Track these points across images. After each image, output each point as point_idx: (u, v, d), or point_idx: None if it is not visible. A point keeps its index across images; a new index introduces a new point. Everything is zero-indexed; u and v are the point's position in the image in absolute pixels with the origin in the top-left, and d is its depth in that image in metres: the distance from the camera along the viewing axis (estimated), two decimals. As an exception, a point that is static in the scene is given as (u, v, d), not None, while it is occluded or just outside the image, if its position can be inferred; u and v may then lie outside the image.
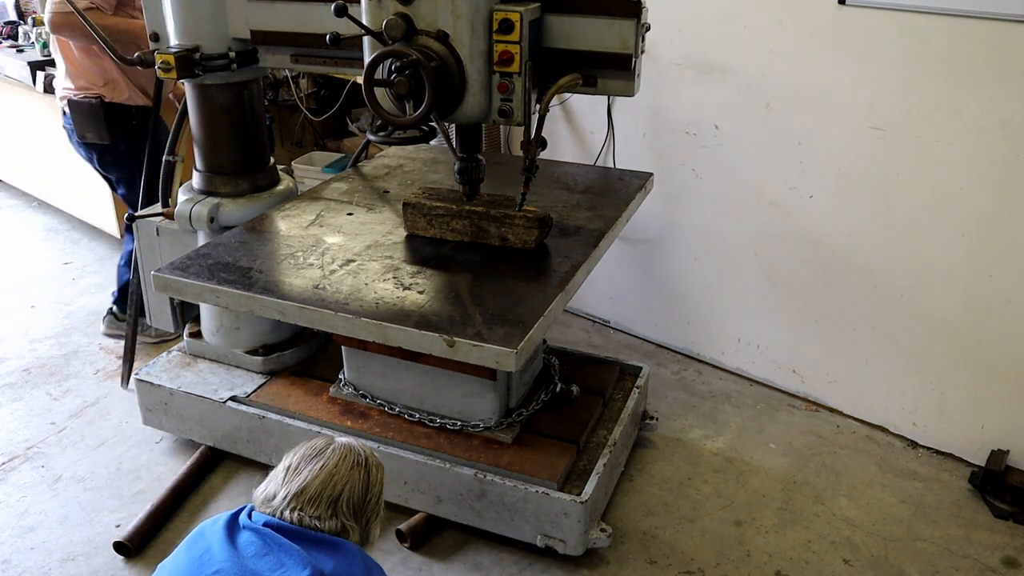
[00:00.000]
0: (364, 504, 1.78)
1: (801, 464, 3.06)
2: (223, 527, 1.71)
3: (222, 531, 1.70)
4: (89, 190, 4.65)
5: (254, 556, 1.64)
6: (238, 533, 1.69)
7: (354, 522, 1.76)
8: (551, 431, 2.66)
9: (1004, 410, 2.91)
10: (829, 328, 3.28)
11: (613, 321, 4.01)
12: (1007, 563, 2.62)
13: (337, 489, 1.74)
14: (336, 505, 1.74)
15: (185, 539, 1.77)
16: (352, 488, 1.76)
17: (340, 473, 1.76)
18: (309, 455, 1.79)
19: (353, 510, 1.76)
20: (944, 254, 2.89)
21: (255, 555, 1.64)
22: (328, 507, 1.73)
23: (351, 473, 1.78)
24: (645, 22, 2.17)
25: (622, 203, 2.76)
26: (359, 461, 1.81)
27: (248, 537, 1.67)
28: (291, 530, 1.68)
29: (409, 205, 2.52)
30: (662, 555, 2.63)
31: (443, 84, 2.06)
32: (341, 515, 1.74)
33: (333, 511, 1.73)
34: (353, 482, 1.77)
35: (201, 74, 2.68)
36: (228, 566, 1.62)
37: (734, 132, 3.28)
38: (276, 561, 1.62)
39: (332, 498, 1.73)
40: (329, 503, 1.73)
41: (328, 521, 1.72)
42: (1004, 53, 2.58)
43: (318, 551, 1.66)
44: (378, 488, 1.83)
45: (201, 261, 2.36)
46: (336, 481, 1.75)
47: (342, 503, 1.74)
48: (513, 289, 2.22)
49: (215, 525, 1.73)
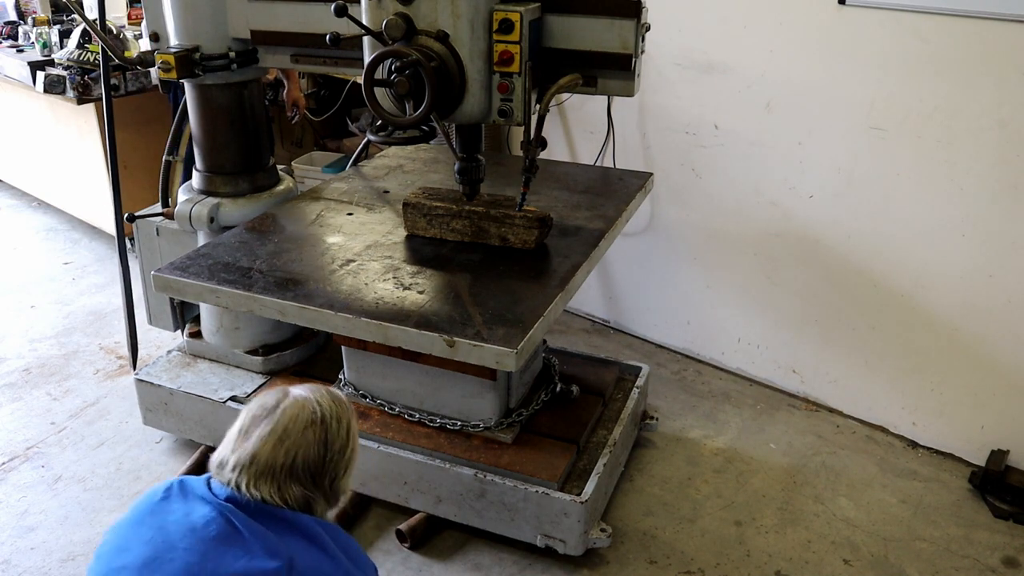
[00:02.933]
0: (324, 466, 1.62)
1: (801, 464, 3.06)
2: (179, 498, 1.59)
3: (180, 504, 1.57)
4: (89, 190, 4.66)
5: (216, 539, 1.51)
6: (196, 505, 1.56)
7: (314, 488, 1.61)
8: (551, 431, 2.66)
9: (1004, 410, 2.91)
10: (829, 328, 3.28)
11: (613, 321, 4.01)
12: (1007, 563, 2.62)
13: (290, 456, 1.58)
14: (292, 474, 1.58)
15: (135, 507, 1.62)
16: (307, 452, 1.60)
17: (292, 437, 1.59)
18: (259, 415, 1.63)
19: (311, 475, 1.61)
20: (944, 254, 2.89)
21: (217, 537, 1.51)
22: (285, 477, 1.58)
23: (304, 435, 1.60)
24: (645, 22, 2.17)
25: (622, 203, 2.76)
26: (312, 419, 1.62)
27: (208, 514, 1.54)
28: (254, 508, 1.56)
29: (409, 205, 2.52)
30: (662, 555, 2.63)
31: (443, 84, 2.06)
32: (300, 484, 1.59)
33: (291, 481, 1.58)
34: (307, 445, 1.60)
35: (201, 74, 2.68)
36: (188, 547, 1.49)
37: (734, 132, 3.28)
38: (242, 548, 1.49)
39: (286, 467, 1.58)
40: (285, 473, 1.58)
41: (289, 491, 1.58)
42: (1004, 53, 2.58)
43: (286, 532, 1.55)
44: (341, 441, 1.66)
45: (201, 261, 2.36)
46: (288, 447, 1.58)
47: (298, 470, 1.59)
48: (513, 289, 2.22)
49: (169, 496, 1.60)
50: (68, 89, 4.18)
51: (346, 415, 1.68)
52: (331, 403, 1.66)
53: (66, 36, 4.41)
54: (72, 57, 4.19)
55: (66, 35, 4.42)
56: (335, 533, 1.64)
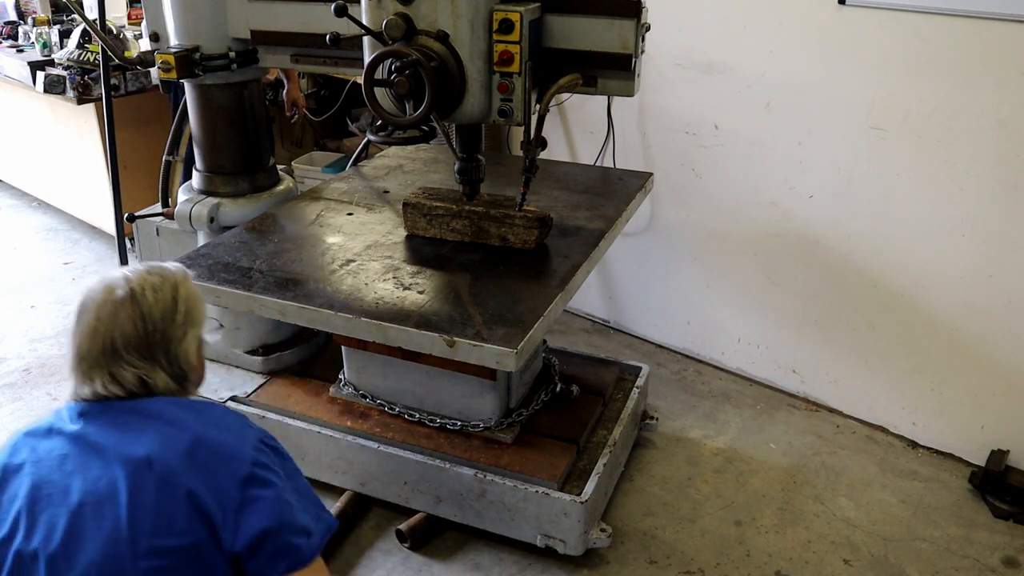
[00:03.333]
0: (148, 339, 1.52)
1: (801, 464, 3.06)
2: (44, 437, 1.53)
3: (45, 442, 1.52)
4: (89, 190, 4.66)
5: (71, 472, 1.46)
6: (54, 442, 1.51)
7: (147, 364, 1.53)
8: (551, 431, 2.66)
9: (1004, 410, 2.91)
10: (829, 328, 3.28)
11: (613, 321, 4.01)
12: (1007, 563, 2.62)
13: (107, 342, 1.50)
14: (116, 356, 1.51)
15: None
16: (123, 331, 1.51)
17: (103, 324, 1.51)
18: (77, 314, 1.56)
19: (138, 352, 1.52)
20: (944, 254, 2.89)
21: (73, 470, 1.46)
22: (110, 362, 1.51)
23: (115, 317, 1.51)
24: (645, 22, 2.17)
25: (622, 203, 2.76)
26: (121, 299, 1.52)
27: (57, 447, 1.49)
28: (101, 410, 1.51)
29: (409, 205, 2.52)
30: (662, 555, 2.63)
31: (443, 84, 2.06)
32: (128, 364, 1.51)
33: (118, 364, 1.51)
34: (120, 325, 1.51)
35: (201, 74, 2.68)
36: (58, 490, 1.45)
37: (734, 132, 3.28)
38: (85, 470, 1.45)
39: (107, 353, 1.50)
40: (108, 359, 1.51)
41: (121, 375, 1.51)
42: (1004, 53, 2.58)
43: (137, 426, 1.49)
44: (162, 308, 1.55)
45: (201, 261, 2.36)
46: (103, 334, 1.51)
47: (120, 352, 1.51)
48: (513, 289, 2.22)
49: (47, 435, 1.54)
50: (68, 89, 4.18)
51: (168, 282, 1.58)
52: (144, 276, 1.57)
53: (66, 36, 4.41)
54: (72, 57, 4.19)
55: (66, 35, 4.42)
56: (201, 407, 1.57)
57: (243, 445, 1.51)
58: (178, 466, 1.45)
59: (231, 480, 1.46)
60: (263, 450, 1.53)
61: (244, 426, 1.58)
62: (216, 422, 1.55)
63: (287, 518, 1.48)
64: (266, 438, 1.58)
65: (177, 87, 3.66)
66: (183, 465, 1.45)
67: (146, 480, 1.44)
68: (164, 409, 1.53)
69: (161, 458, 1.45)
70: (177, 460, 1.46)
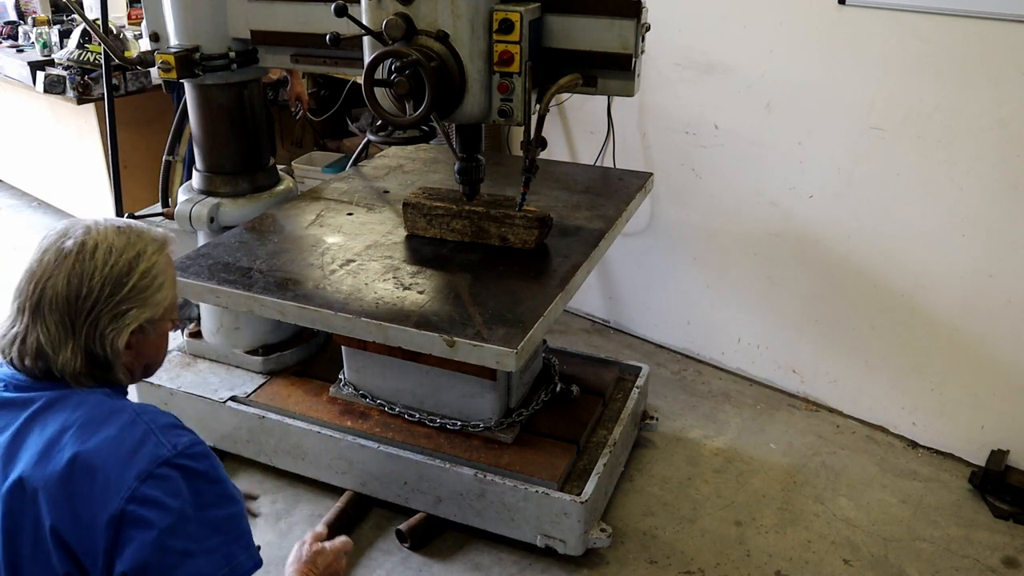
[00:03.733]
0: (75, 303, 1.33)
1: (801, 464, 3.06)
2: None
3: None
4: (89, 190, 4.66)
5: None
6: None
7: (61, 332, 1.33)
8: (551, 431, 2.66)
9: (1004, 410, 2.91)
10: (829, 328, 3.28)
11: (613, 321, 4.01)
12: (1007, 563, 2.62)
13: (37, 291, 1.34)
14: (38, 312, 1.33)
15: None
16: (53, 285, 1.33)
17: (40, 269, 1.35)
18: (35, 247, 1.40)
19: (59, 315, 1.33)
20: (944, 254, 2.89)
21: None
22: (35, 317, 1.33)
23: (52, 267, 1.34)
24: (645, 22, 2.17)
25: (622, 203, 2.76)
26: (66, 249, 1.34)
27: None
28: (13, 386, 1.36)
29: (409, 205, 2.52)
30: (662, 555, 2.63)
31: (443, 84, 2.06)
32: (45, 327, 1.33)
33: (38, 322, 1.33)
34: (54, 277, 1.33)
35: (201, 74, 2.68)
36: None
37: (734, 132, 3.28)
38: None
39: (33, 303, 1.34)
40: (33, 310, 1.34)
41: (31, 336, 1.33)
42: (1004, 53, 2.58)
43: (20, 431, 1.31)
44: (102, 276, 1.34)
45: (201, 261, 2.36)
46: (36, 280, 1.35)
47: (44, 309, 1.33)
48: (513, 289, 2.22)
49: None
50: (68, 89, 4.18)
51: (133, 248, 1.38)
52: (111, 232, 1.38)
53: (66, 36, 4.41)
54: (72, 57, 4.19)
55: (66, 35, 4.42)
56: (104, 410, 1.35)
57: (126, 472, 1.27)
58: (48, 493, 1.26)
59: (100, 515, 1.25)
60: (158, 478, 1.28)
61: (142, 442, 1.31)
62: (110, 435, 1.31)
63: (159, 569, 1.25)
64: (177, 458, 1.32)
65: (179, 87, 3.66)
66: (54, 492, 1.26)
67: (22, 503, 1.27)
68: (58, 408, 1.34)
69: (32, 480, 1.27)
70: (48, 485, 1.27)
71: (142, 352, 1.45)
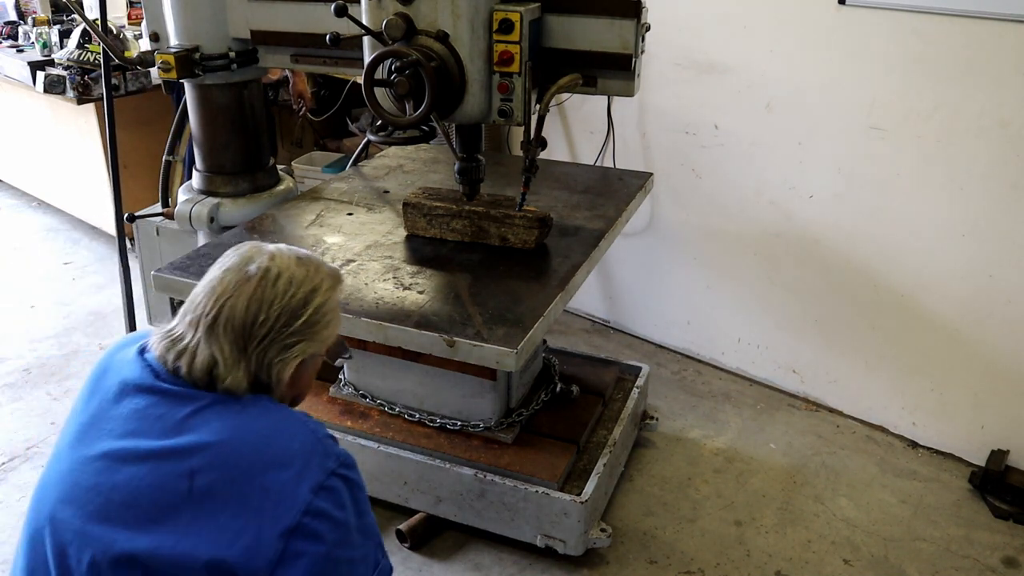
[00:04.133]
0: (250, 327, 1.34)
1: (801, 464, 3.06)
2: (116, 389, 1.38)
3: (114, 393, 1.38)
4: (89, 190, 4.66)
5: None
6: (127, 398, 1.37)
7: (235, 353, 1.34)
8: (551, 431, 2.66)
9: (1004, 410, 2.91)
10: (829, 328, 3.28)
11: (613, 321, 4.01)
12: (1007, 563, 2.62)
13: (216, 308, 1.35)
14: (213, 328, 1.34)
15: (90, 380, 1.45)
16: (232, 307, 1.34)
17: (222, 287, 1.36)
18: (216, 263, 1.42)
19: (233, 336, 1.34)
20: (944, 254, 2.89)
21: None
22: (209, 333, 1.34)
23: (234, 288, 1.35)
24: (645, 22, 2.17)
25: (622, 203, 2.76)
26: (249, 274, 1.37)
27: (134, 405, 1.35)
28: (162, 390, 1.35)
29: (409, 205, 2.52)
30: (662, 555, 2.63)
31: (443, 84, 2.06)
32: (218, 346, 1.34)
33: (212, 339, 1.34)
34: (234, 298, 1.35)
35: (201, 74, 2.68)
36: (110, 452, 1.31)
37: (734, 132, 3.28)
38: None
39: (210, 319, 1.34)
40: (209, 326, 1.34)
41: (205, 351, 1.33)
42: (1004, 53, 2.58)
43: (188, 429, 1.31)
44: (280, 306, 1.36)
45: (201, 261, 2.36)
46: (217, 297, 1.35)
47: (219, 327, 1.34)
48: (513, 289, 2.22)
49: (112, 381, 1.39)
50: (68, 89, 4.18)
51: (311, 282, 1.41)
52: (292, 262, 1.41)
53: (66, 36, 4.41)
54: (72, 57, 4.19)
55: (66, 35, 4.42)
56: (272, 421, 1.35)
57: (300, 485, 1.27)
58: (214, 497, 1.28)
59: (273, 527, 1.24)
60: (328, 490, 1.30)
61: (312, 454, 1.32)
62: (279, 446, 1.32)
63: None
64: (340, 469, 1.34)
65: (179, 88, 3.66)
66: (222, 495, 1.28)
67: (187, 494, 1.28)
68: (232, 409, 1.35)
69: (204, 472, 1.29)
70: (216, 487, 1.29)
71: (297, 385, 1.47)
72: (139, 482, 1.28)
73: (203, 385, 1.36)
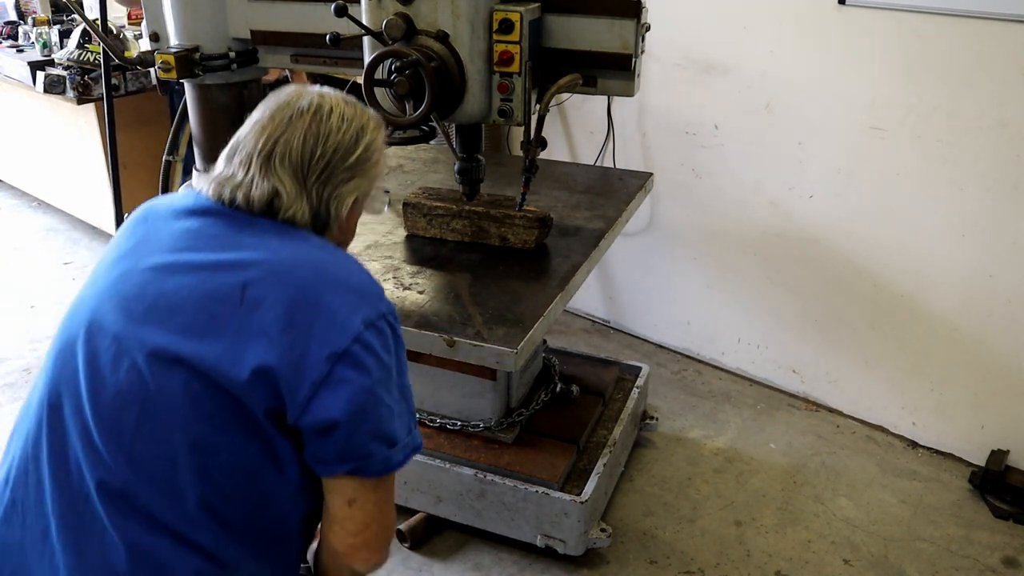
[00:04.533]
0: (309, 160, 1.33)
1: (801, 464, 3.06)
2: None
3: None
4: (89, 190, 4.66)
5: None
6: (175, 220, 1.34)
7: (296, 186, 1.32)
8: (551, 431, 2.66)
9: (1004, 410, 2.91)
10: (829, 328, 3.28)
11: (613, 321, 4.01)
12: (1007, 563, 2.62)
13: (269, 144, 1.32)
14: (268, 164, 1.32)
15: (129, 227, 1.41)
16: (287, 140, 1.32)
17: (273, 125, 1.34)
18: (256, 110, 1.39)
19: (292, 170, 1.32)
20: (944, 254, 2.89)
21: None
22: (264, 167, 1.31)
23: (287, 124, 1.33)
24: (645, 22, 2.17)
25: (622, 203, 2.76)
26: (303, 107, 1.34)
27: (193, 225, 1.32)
28: (220, 211, 1.33)
29: (409, 205, 2.52)
30: (662, 555, 2.63)
31: (443, 84, 2.06)
32: (277, 178, 1.31)
33: (267, 173, 1.31)
34: (290, 133, 1.33)
35: (201, 74, 2.68)
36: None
37: (734, 132, 3.28)
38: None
39: (263, 155, 1.32)
40: (262, 162, 1.32)
41: (264, 184, 1.31)
42: (1004, 53, 2.58)
43: (246, 246, 1.28)
44: (341, 141, 1.35)
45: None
46: (269, 134, 1.33)
47: (275, 161, 1.32)
48: (513, 289, 2.22)
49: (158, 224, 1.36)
50: (68, 89, 4.17)
51: (360, 119, 1.39)
52: (340, 100, 1.39)
53: (66, 36, 4.40)
54: (72, 57, 4.18)
55: (66, 35, 4.42)
56: (331, 251, 1.35)
57: (353, 315, 1.25)
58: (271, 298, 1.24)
59: (321, 348, 1.22)
60: (379, 330, 1.28)
61: (368, 293, 1.31)
62: (337, 277, 1.29)
63: (371, 417, 1.25)
64: (390, 317, 1.32)
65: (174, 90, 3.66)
66: (279, 300, 1.24)
67: (236, 303, 1.23)
68: (290, 236, 1.32)
69: (257, 284, 1.24)
70: (271, 288, 1.25)
71: (346, 228, 1.46)
72: (189, 290, 1.24)
73: (261, 214, 1.33)
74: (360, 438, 1.24)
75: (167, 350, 1.21)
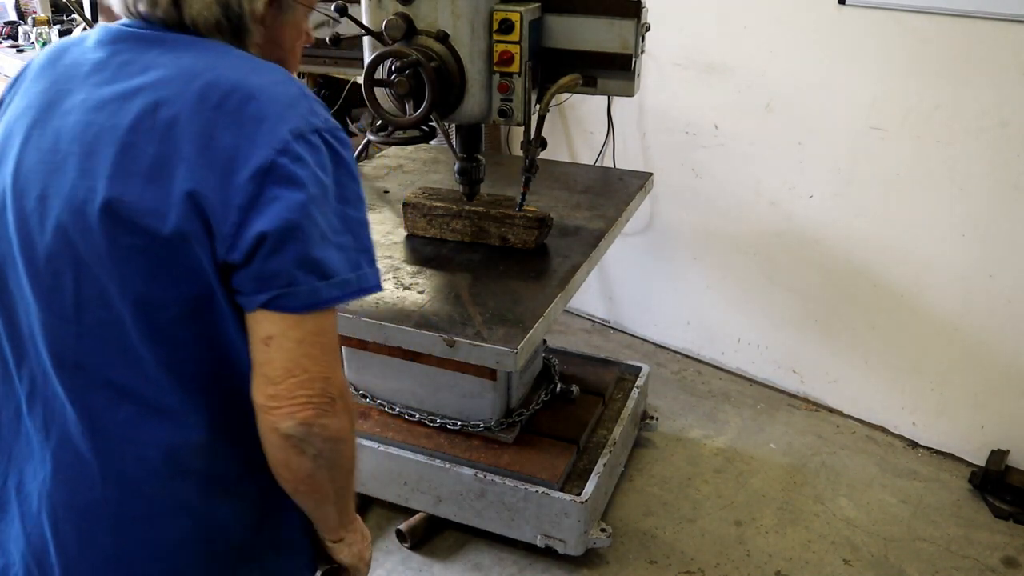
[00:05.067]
0: None
1: (801, 464, 3.06)
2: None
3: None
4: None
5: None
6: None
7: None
8: (551, 431, 2.66)
9: (1004, 410, 2.91)
10: (829, 328, 3.28)
11: (613, 321, 4.01)
12: (1007, 563, 2.62)
13: None
14: None
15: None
16: None
17: None
18: None
19: None
20: (944, 254, 2.89)
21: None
22: None
23: None
24: (645, 22, 2.17)
25: (622, 203, 2.76)
26: None
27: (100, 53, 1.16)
28: (122, 36, 1.17)
29: (409, 205, 2.51)
30: (662, 555, 2.63)
31: (443, 84, 2.06)
32: None
33: None
34: None
35: (201, 74, 2.68)
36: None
37: (734, 132, 3.28)
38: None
39: None
40: None
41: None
42: (1004, 53, 2.58)
43: (156, 64, 1.13)
44: None
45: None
46: None
47: None
48: (513, 289, 2.22)
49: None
50: (68, 89, 4.17)
51: None
52: None
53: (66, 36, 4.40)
54: (72, 57, 4.18)
55: (66, 35, 4.42)
56: (251, 59, 1.17)
57: (278, 125, 1.08)
58: (186, 120, 1.09)
59: (245, 166, 1.06)
60: (310, 144, 1.10)
61: (296, 104, 1.12)
62: (258, 84, 1.12)
63: (300, 238, 1.07)
64: (327, 133, 1.13)
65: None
66: (193, 119, 1.09)
67: (150, 130, 1.09)
68: (206, 48, 1.16)
69: (169, 103, 1.09)
70: (186, 110, 1.09)
71: (274, 38, 1.25)
72: (100, 127, 1.11)
73: (172, 24, 1.17)
74: (283, 262, 1.06)
75: (87, 200, 1.08)
